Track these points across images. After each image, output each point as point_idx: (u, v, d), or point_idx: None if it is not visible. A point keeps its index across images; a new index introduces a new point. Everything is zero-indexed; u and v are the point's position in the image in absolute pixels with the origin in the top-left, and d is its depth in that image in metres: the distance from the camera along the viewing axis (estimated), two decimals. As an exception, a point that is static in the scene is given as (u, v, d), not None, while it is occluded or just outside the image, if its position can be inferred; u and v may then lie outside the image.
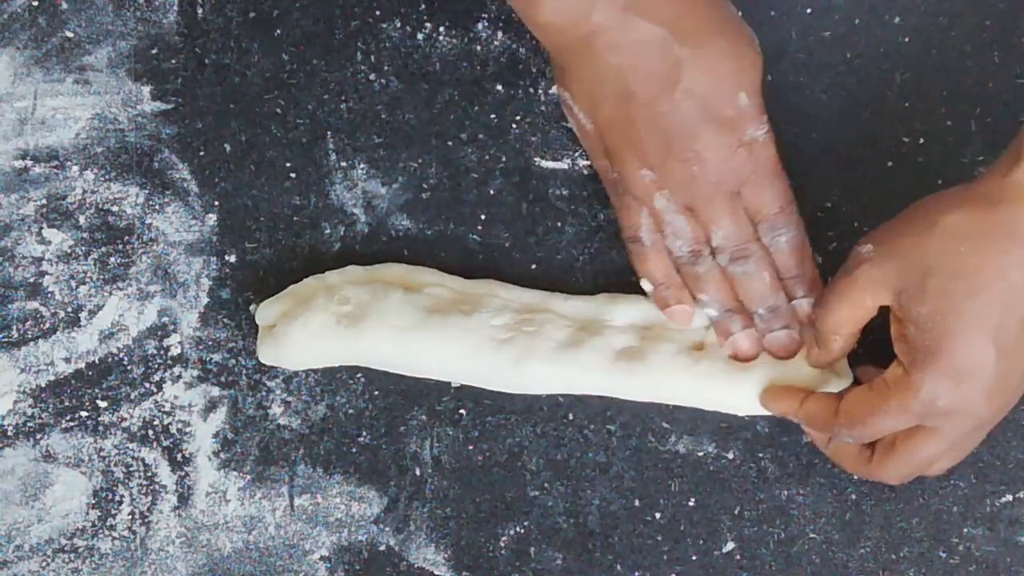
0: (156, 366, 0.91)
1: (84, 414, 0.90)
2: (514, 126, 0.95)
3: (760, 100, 0.84)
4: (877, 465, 0.82)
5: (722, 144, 0.83)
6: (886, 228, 0.81)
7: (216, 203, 0.94)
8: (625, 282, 0.90)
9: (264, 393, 0.90)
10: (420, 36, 0.97)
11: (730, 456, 0.89)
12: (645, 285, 0.89)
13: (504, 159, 0.95)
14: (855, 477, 0.87)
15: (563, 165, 0.94)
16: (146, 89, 0.96)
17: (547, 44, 0.86)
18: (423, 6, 0.97)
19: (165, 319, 0.92)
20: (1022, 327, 0.76)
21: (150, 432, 0.89)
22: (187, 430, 0.89)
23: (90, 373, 0.91)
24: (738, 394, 0.87)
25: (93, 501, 0.88)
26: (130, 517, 0.87)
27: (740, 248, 0.86)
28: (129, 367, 0.91)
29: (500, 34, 0.96)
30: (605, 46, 0.83)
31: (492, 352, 0.88)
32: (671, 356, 0.87)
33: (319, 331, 0.88)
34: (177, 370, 0.90)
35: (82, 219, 0.94)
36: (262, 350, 0.89)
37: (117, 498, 0.88)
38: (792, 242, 0.86)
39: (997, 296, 0.76)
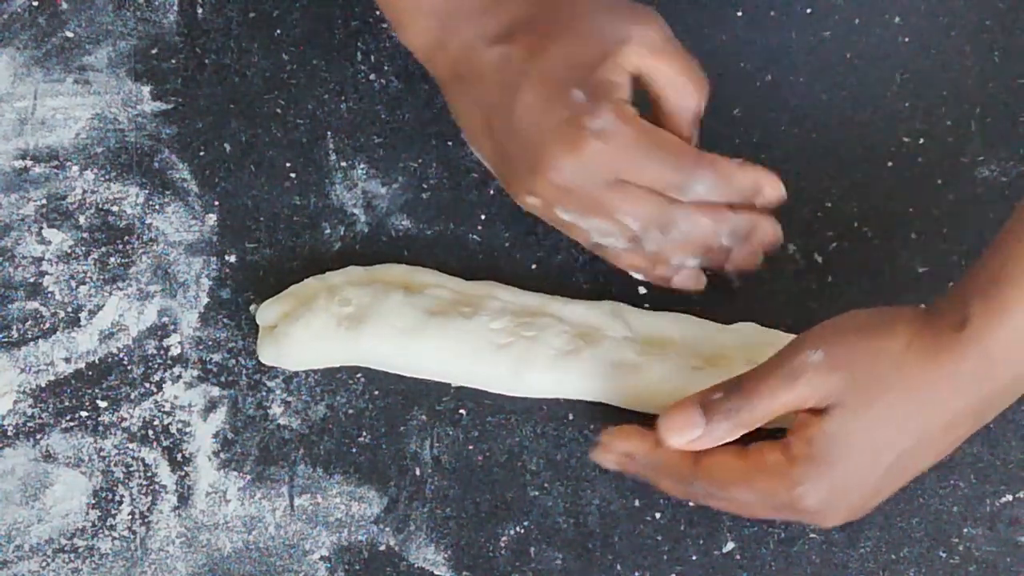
0: (156, 366, 0.91)
1: (84, 414, 0.89)
2: (514, 126, 0.95)
3: (601, 91, 0.79)
4: (702, 468, 0.80)
5: (568, 145, 0.79)
6: (836, 336, 0.78)
7: (216, 203, 0.94)
8: (626, 282, 0.90)
9: (264, 393, 0.90)
10: (420, 36, 0.97)
11: (730, 456, 0.89)
12: (638, 276, 0.87)
13: (504, 159, 0.95)
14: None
15: (563, 165, 0.94)
16: (146, 89, 0.96)
17: (432, 74, 0.84)
18: (423, 6, 0.97)
19: (165, 319, 0.92)
20: (910, 468, 0.79)
21: (150, 432, 0.89)
22: (187, 430, 0.89)
23: (90, 373, 0.91)
24: None
25: (93, 501, 0.88)
26: (130, 517, 0.87)
27: (659, 223, 0.81)
28: (129, 367, 0.91)
29: (500, 34, 0.96)
30: (467, 74, 0.81)
31: (492, 355, 0.87)
32: (668, 374, 0.87)
33: (320, 332, 0.88)
34: (177, 370, 0.90)
35: (82, 219, 0.94)
36: (263, 350, 0.89)
37: (117, 498, 0.88)
38: (708, 184, 0.81)
39: (915, 437, 0.78)
